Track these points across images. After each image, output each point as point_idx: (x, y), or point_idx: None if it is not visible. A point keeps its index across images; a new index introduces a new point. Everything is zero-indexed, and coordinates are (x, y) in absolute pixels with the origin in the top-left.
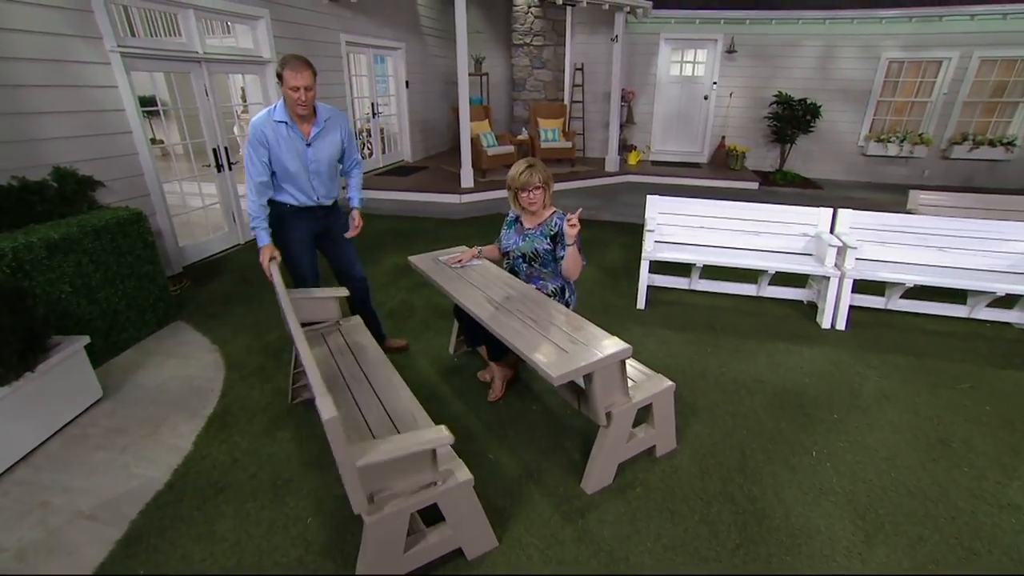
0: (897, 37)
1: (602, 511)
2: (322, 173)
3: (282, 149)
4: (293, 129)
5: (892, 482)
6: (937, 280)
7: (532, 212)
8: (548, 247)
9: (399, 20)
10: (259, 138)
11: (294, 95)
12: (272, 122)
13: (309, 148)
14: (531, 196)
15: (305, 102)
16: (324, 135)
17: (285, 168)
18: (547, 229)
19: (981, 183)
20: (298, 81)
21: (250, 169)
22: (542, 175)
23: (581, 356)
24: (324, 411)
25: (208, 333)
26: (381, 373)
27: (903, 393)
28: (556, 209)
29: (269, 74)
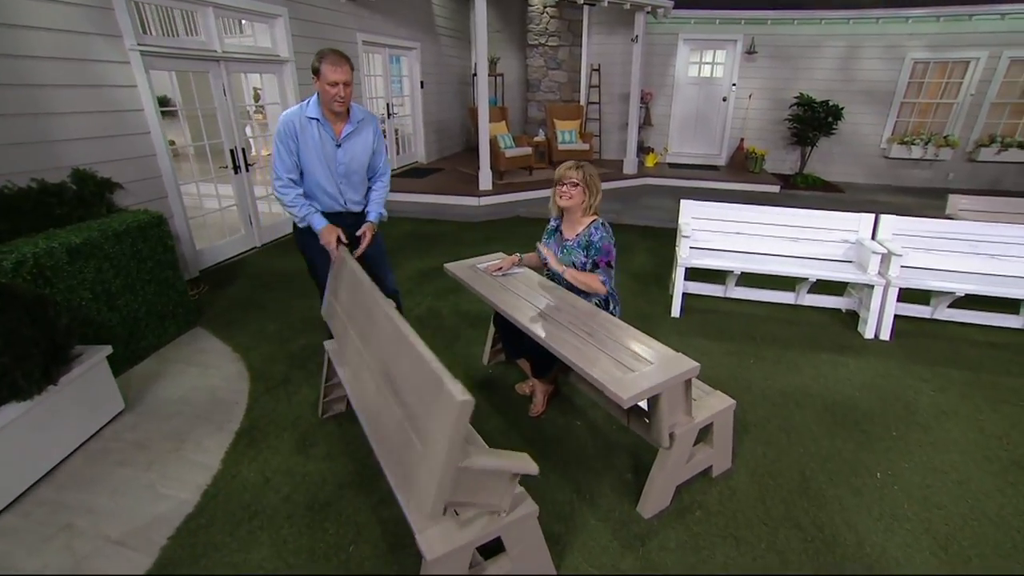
0: (923, 37)
1: (663, 538)
2: (352, 176)
3: (309, 148)
4: (325, 127)
5: (970, 509)
6: (990, 289)
7: (568, 213)
8: (585, 260)
9: (414, 20)
10: (289, 130)
11: (332, 91)
12: (304, 118)
13: (339, 149)
14: (564, 190)
15: (343, 98)
16: (356, 136)
17: (310, 169)
18: (583, 240)
19: (1009, 186)
20: (337, 76)
21: (277, 165)
22: (584, 174)
23: (648, 375)
24: (456, 394)
25: (229, 340)
26: None
27: (963, 409)
28: (597, 218)
29: (287, 74)
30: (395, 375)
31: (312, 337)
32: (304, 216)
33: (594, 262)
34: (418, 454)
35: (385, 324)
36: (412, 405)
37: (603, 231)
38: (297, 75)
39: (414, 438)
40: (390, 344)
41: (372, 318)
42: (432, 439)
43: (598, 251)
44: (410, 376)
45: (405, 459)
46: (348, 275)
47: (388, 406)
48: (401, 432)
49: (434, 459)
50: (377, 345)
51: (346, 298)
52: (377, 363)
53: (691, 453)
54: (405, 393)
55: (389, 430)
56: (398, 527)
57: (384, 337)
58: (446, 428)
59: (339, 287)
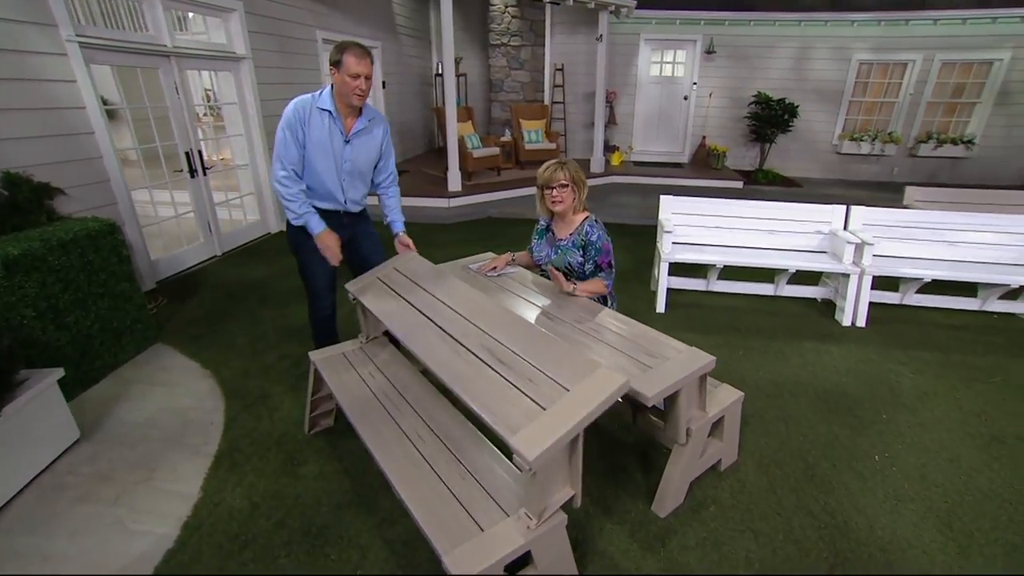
0: (867, 40)
1: (682, 536)
2: (355, 175)
3: (316, 139)
4: (336, 121)
5: (964, 485)
6: (954, 274)
7: (560, 215)
8: (581, 259)
9: (374, 18)
10: (300, 117)
11: (353, 83)
12: (316, 108)
13: (348, 145)
14: (556, 195)
15: (364, 91)
16: (365, 134)
17: (317, 161)
18: (578, 239)
19: (945, 179)
20: (361, 68)
21: (283, 153)
22: (571, 173)
23: (667, 370)
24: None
25: (196, 356)
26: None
27: (940, 389)
28: (589, 215)
29: (244, 72)
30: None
31: (288, 348)
32: (302, 214)
33: (595, 263)
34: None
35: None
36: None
37: (599, 229)
38: (255, 74)
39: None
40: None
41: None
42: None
43: (598, 251)
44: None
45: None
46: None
47: (482, 370)
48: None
49: (564, 415)
50: (480, 320)
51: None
52: (470, 334)
53: (703, 448)
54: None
55: (488, 390)
56: (407, 548)
57: (497, 317)
58: (597, 397)
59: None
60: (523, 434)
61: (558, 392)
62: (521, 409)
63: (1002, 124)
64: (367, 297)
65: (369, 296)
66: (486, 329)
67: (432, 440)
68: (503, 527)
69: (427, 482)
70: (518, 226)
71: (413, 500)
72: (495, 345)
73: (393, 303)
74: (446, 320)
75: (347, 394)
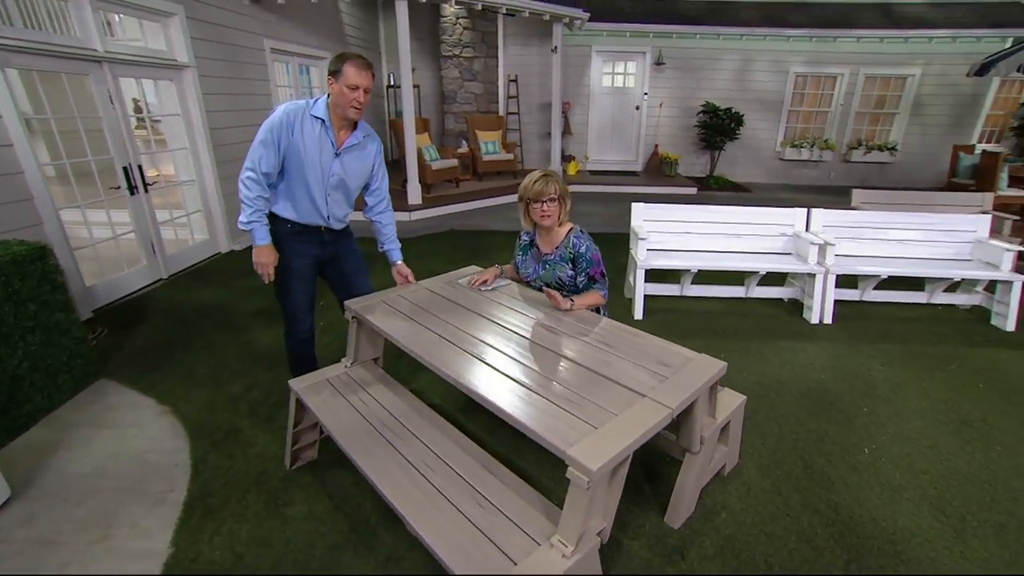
0: (801, 54)
1: (700, 547)
2: (340, 191)
3: (306, 147)
4: (328, 132)
5: (947, 470)
6: (907, 270)
7: (546, 228)
8: (571, 273)
9: (323, 28)
10: (289, 123)
11: (351, 94)
12: (308, 115)
13: (337, 159)
14: (545, 208)
15: (362, 104)
16: (357, 150)
17: (302, 172)
18: (566, 253)
19: (875, 183)
20: (361, 80)
21: (259, 155)
22: (559, 186)
23: (684, 379)
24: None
25: (150, 391)
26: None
27: (908, 379)
28: (574, 226)
29: (187, 81)
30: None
31: (256, 376)
32: (251, 221)
33: (588, 275)
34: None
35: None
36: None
37: (587, 240)
38: (200, 83)
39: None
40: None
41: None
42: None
43: (589, 263)
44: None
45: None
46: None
47: (519, 391)
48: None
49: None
50: (508, 348)
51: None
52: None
53: (712, 454)
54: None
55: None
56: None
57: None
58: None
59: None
60: (580, 447)
61: (606, 416)
62: (571, 425)
63: (917, 133)
64: (374, 316)
65: (376, 315)
66: (516, 356)
67: (442, 468)
68: (538, 556)
69: (444, 514)
70: (483, 238)
71: (432, 534)
72: (529, 372)
73: (405, 324)
74: (470, 346)
75: (340, 424)
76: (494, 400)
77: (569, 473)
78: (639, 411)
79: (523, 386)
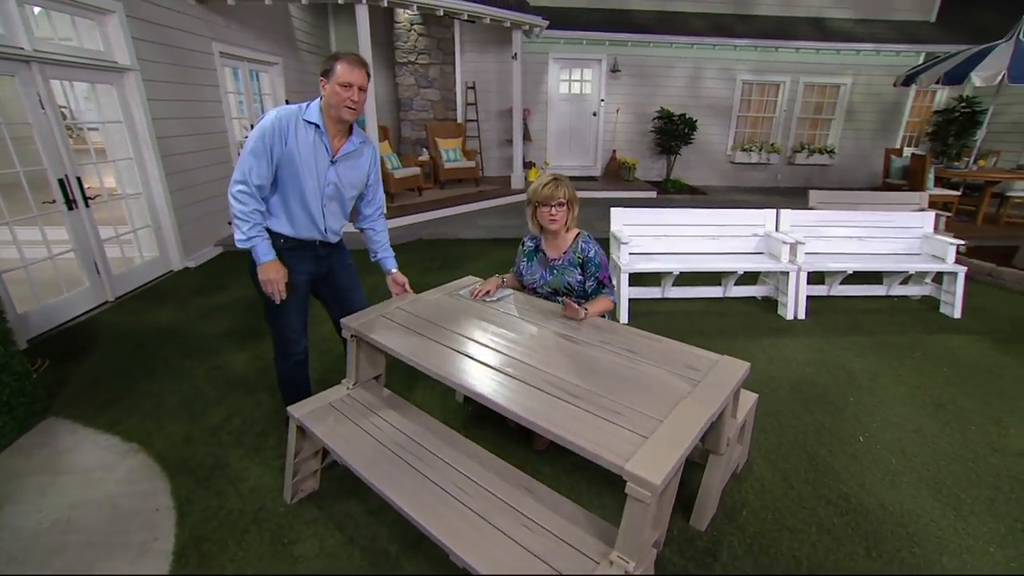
0: (747, 62)
1: (729, 547)
2: (337, 202)
3: (301, 155)
4: (323, 138)
5: (934, 452)
6: (869, 265)
7: (553, 233)
8: (580, 278)
9: (274, 32)
10: (282, 130)
11: (344, 93)
12: (302, 120)
13: (332, 167)
14: (553, 212)
15: (356, 104)
16: (353, 158)
17: (297, 182)
18: (575, 257)
19: (817, 183)
20: (353, 76)
21: (251, 165)
22: (568, 191)
23: (716, 382)
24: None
25: (112, 427)
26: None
27: (883, 368)
28: (580, 231)
29: (130, 85)
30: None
31: (234, 403)
32: (251, 237)
33: (597, 280)
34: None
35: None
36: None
37: (595, 244)
38: (144, 88)
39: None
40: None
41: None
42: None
43: (598, 267)
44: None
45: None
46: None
47: (557, 405)
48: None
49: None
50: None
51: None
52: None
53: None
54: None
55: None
56: None
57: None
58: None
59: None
60: (637, 461)
61: (652, 423)
62: (622, 437)
63: (851, 137)
64: (376, 332)
65: (378, 331)
66: (542, 367)
67: (476, 491)
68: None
69: (491, 540)
70: (453, 247)
71: (485, 564)
72: (558, 380)
73: (412, 339)
74: (490, 358)
75: (355, 452)
76: (535, 418)
77: (629, 489)
78: (682, 415)
79: (560, 399)
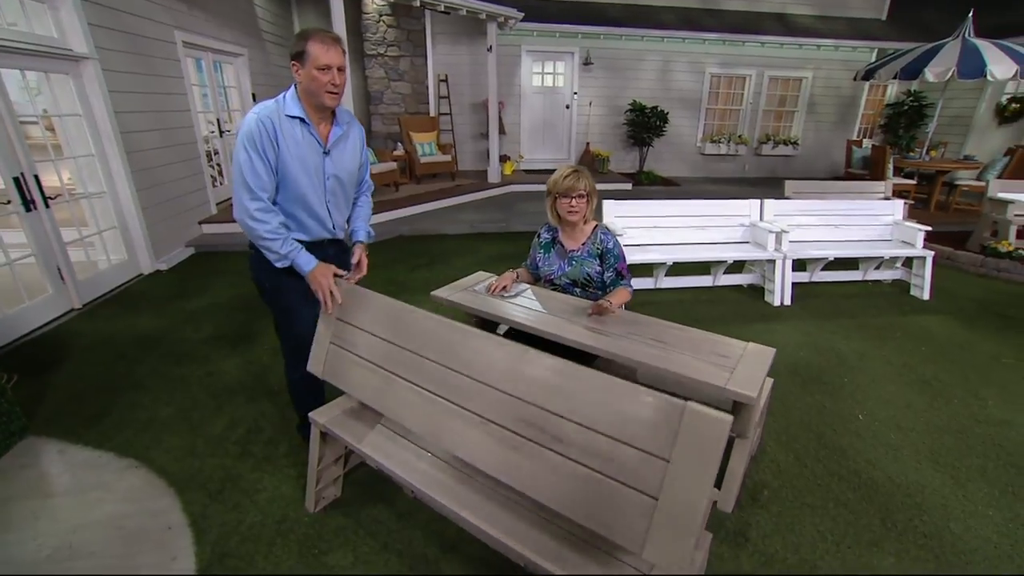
0: (715, 56)
1: (758, 527)
2: (339, 194)
3: (293, 156)
4: (311, 130)
5: (927, 425)
6: (848, 252)
7: (571, 224)
8: (599, 269)
9: (238, 22)
10: (269, 133)
11: (323, 77)
12: (284, 117)
13: (327, 157)
14: (573, 204)
15: (338, 87)
16: (344, 142)
17: (297, 187)
18: (593, 248)
19: (781, 174)
20: (331, 58)
21: (250, 180)
22: (589, 183)
23: (749, 369)
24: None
25: (103, 444)
26: None
27: (869, 349)
28: (599, 223)
29: (88, 75)
30: (556, 417)
31: (236, 411)
32: (286, 254)
33: (616, 271)
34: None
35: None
36: (603, 449)
37: (612, 236)
38: (105, 79)
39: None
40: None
41: (460, 354)
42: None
43: (616, 258)
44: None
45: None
46: (377, 306)
47: (542, 456)
48: (592, 483)
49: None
50: (502, 385)
51: (382, 336)
52: (500, 410)
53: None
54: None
55: (560, 483)
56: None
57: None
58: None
59: (353, 331)
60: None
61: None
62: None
63: (812, 129)
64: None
65: (351, 382)
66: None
67: None
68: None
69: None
70: (436, 243)
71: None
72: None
73: (398, 391)
74: (489, 405)
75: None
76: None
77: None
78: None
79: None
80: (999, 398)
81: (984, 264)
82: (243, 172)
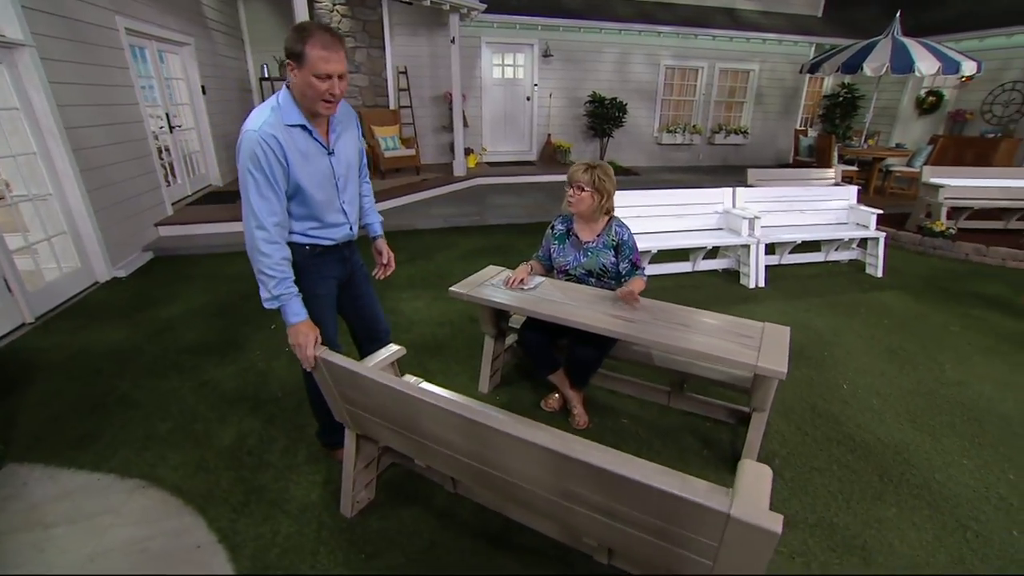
0: (670, 48)
1: (777, 492)
2: (349, 188)
3: (302, 166)
4: (314, 135)
5: (901, 391)
6: (813, 235)
7: (579, 215)
8: (614, 260)
9: (182, 9)
10: (276, 152)
11: (322, 86)
12: (284, 127)
13: (332, 157)
14: (572, 194)
15: (336, 98)
16: (344, 135)
17: (311, 200)
18: (609, 240)
19: (734, 162)
20: (331, 66)
21: (258, 207)
22: (593, 177)
23: (772, 346)
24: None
25: (100, 466)
26: None
27: (840, 325)
28: (614, 216)
29: (24, 64)
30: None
31: (242, 421)
32: (279, 295)
33: (631, 262)
34: None
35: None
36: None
37: (627, 228)
38: (44, 68)
39: None
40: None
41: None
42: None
43: (631, 249)
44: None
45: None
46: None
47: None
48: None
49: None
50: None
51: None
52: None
53: None
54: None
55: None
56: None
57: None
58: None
59: (353, 393)
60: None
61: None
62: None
63: (760, 119)
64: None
65: (381, 436)
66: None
67: None
68: None
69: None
70: (414, 238)
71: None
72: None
73: (433, 458)
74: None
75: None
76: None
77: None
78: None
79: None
80: (954, 362)
81: (922, 243)
82: (250, 198)
